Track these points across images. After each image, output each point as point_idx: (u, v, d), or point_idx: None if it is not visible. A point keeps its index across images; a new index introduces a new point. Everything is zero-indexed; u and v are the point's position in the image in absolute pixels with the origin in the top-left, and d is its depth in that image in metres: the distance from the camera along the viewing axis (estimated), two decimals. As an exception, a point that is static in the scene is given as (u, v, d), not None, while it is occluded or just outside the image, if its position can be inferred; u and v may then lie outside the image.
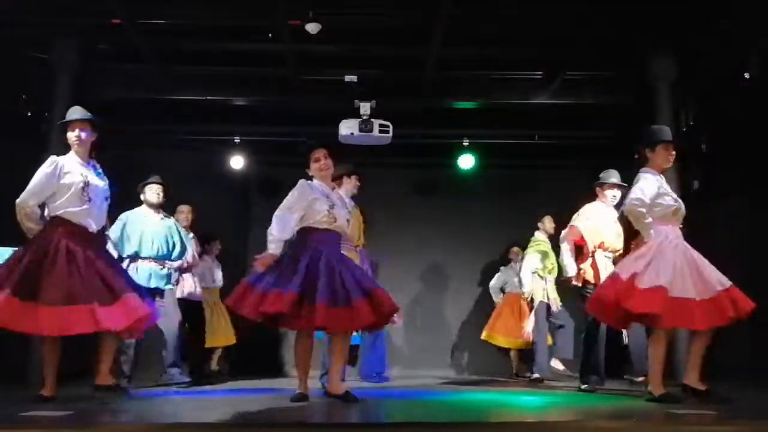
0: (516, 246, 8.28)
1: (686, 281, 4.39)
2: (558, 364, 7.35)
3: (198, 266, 7.30)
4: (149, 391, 5.67)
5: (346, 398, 4.41)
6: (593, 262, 5.69)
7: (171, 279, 6.24)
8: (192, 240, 6.99)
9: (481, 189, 9.24)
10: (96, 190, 4.55)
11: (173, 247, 6.22)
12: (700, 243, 4.72)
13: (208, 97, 7.78)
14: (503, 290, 8.38)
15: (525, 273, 7.36)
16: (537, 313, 7.34)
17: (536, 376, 7.23)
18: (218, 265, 7.89)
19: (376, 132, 7.48)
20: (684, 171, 6.79)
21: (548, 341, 7.40)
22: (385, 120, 7.54)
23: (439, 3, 6.12)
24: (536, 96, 7.79)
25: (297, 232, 4.58)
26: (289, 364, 8.48)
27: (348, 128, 7.46)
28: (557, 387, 6.58)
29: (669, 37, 6.89)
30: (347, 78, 7.44)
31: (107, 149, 5.37)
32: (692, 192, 7.18)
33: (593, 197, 5.99)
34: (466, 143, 8.74)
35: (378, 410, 4.37)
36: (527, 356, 7.73)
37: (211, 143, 8.89)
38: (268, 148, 8.81)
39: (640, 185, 4.58)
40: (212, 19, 6.80)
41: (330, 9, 6.44)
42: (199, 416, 3.86)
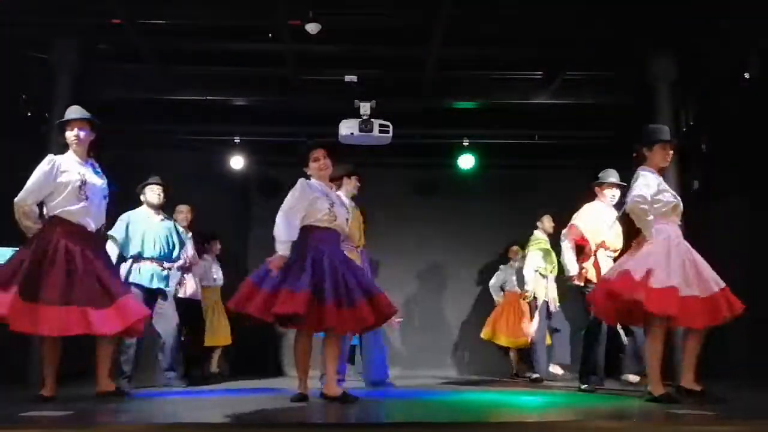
0: (516, 245, 8.29)
1: (691, 280, 4.41)
2: (557, 369, 7.35)
3: (198, 265, 7.31)
4: (149, 391, 5.66)
5: (344, 399, 4.40)
6: (595, 261, 5.69)
7: (171, 280, 6.25)
8: (190, 240, 7.01)
9: (481, 189, 9.24)
10: (94, 189, 4.55)
11: (173, 248, 6.24)
12: (700, 243, 4.72)
13: (208, 97, 7.77)
14: (503, 289, 8.39)
15: (528, 272, 7.35)
16: (539, 313, 7.34)
17: (536, 376, 7.23)
18: (218, 265, 7.90)
19: (376, 132, 7.48)
20: (684, 171, 6.79)
21: (547, 341, 7.41)
22: (385, 120, 7.55)
23: (439, 3, 6.12)
24: (536, 96, 7.79)
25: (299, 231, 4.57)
26: (289, 364, 8.48)
27: (348, 128, 7.46)
28: (557, 387, 6.57)
29: (669, 37, 6.89)
30: (347, 78, 7.44)
31: (107, 149, 5.39)
32: (692, 192, 7.18)
33: (593, 197, 6.00)
34: (466, 143, 8.73)
35: (378, 410, 4.36)
36: (527, 356, 7.73)
37: (211, 143, 8.89)
38: (268, 148, 8.81)
39: (641, 183, 4.57)
40: (212, 19, 6.80)
41: (330, 9, 6.44)
42: (199, 416, 3.86)
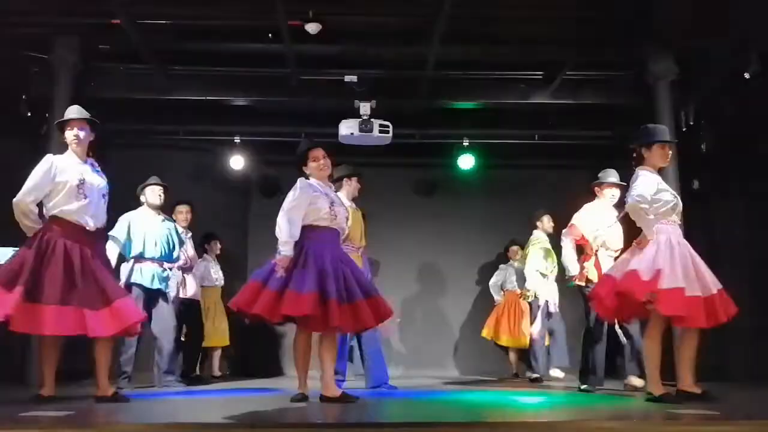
0: (515, 245, 8.29)
1: (693, 280, 4.41)
2: (558, 373, 7.35)
3: (198, 266, 7.31)
4: (149, 392, 5.66)
5: (344, 400, 4.40)
6: (596, 261, 5.68)
7: (171, 281, 6.24)
8: (190, 240, 7.00)
9: (481, 189, 9.23)
10: (92, 188, 4.53)
11: (173, 248, 6.25)
12: (700, 243, 4.72)
13: (208, 97, 7.77)
14: (503, 288, 8.39)
15: (529, 271, 7.34)
16: (541, 313, 7.33)
17: (536, 376, 7.23)
18: (218, 265, 7.90)
19: (376, 132, 7.48)
20: (684, 171, 6.79)
21: (546, 341, 7.40)
22: (385, 120, 7.55)
23: (439, 3, 6.12)
24: (536, 96, 7.78)
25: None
26: (289, 364, 8.47)
27: (348, 128, 7.45)
28: (557, 387, 6.57)
29: (669, 37, 6.89)
30: (347, 78, 7.43)
31: (107, 149, 5.38)
32: (692, 192, 7.17)
33: (593, 197, 5.99)
34: (466, 143, 8.73)
35: (378, 410, 4.36)
36: (527, 356, 7.73)
37: (211, 143, 8.88)
38: (268, 148, 8.80)
39: (640, 183, 4.56)
40: (212, 19, 6.80)
41: (330, 9, 6.44)
42: (199, 416, 3.86)
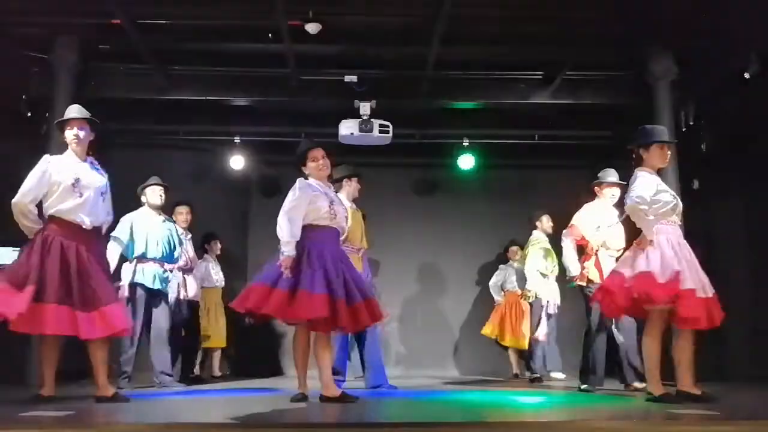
0: (515, 245, 8.29)
1: (696, 281, 4.42)
2: (558, 374, 7.34)
3: (198, 266, 7.30)
4: (148, 392, 5.66)
5: (344, 400, 4.40)
6: (596, 261, 5.67)
7: (171, 281, 6.23)
8: (189, 241, 7.00)
9: (481, 189, 9.23)
10: (89, 186, 4.47)
11: (174, 249, 6.25)
12: (700, 243, 4.71)
13: (208, 97, 7.77)
14: (503, 288, 8.38)
15: (529, 272, 7.34)
16: (536, 312, 7.34)
17: (536, 376, 7.23)
18: (219, 265, 7.89)
19: (376, 132, 7.48)
20: (684, 171, 6.79)
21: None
22: (385, 120, 7.55)
23: (439, 3, 6.12)
24: (536, 96, 7.78)
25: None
26: (289, 364, 8.47)
27: (348, 128, 7.46)
28: (557, 387, 6.57)
29: (669, 37, 6.89)
30: (347, 78, 7.43)
31: (107, 149, 5.38)
32: (692, 192, 7.18)
33: (593, 197, 5.99)
34: (466, 143, 8.73)
35: (378, 410, 4.36)
36: (527, 356, 7.73)
37: (211, 143, 8.88)
38: (268, 148, 8.80)
39: (639, 183, 4.56)
40: (212, 19, 6.80)
41: (330, 9, 6.44)
42: (199, 416, 3.86)
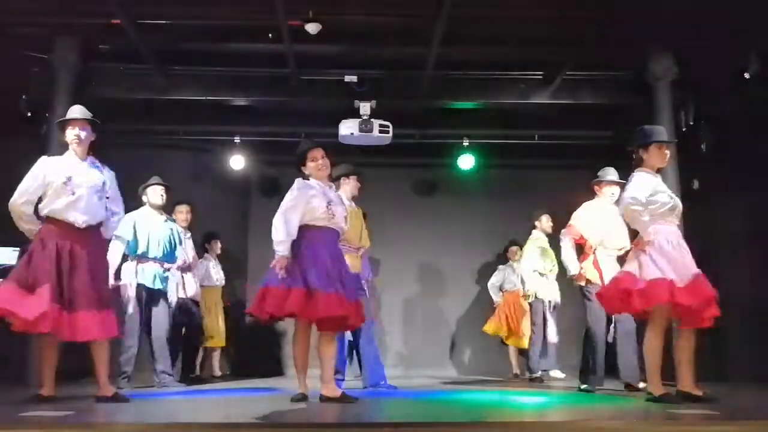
0: (515, 245, 8.29)
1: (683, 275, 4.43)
2: (558, 373, 7.33)
3: (198, 266, 7.30)
4: (148, 392, 5.66)
5: (344, 400, 4.40)
6: (594, 261, 5.66)
7: (170, 281, 6.23)
8: (190, 240, 7.00)
9: (481, 189, 9.24)
10: (82, 185, 4.40)
11: (175, 249, 6.25)
12: (700, 243, 4.71)
13: (208, 97, 7.77)
14: (501, 288, 8.38)
15: (525, 270, 7.34)
16: (535, 312, 7.34)
17: (536, 376, 7.23)
18: (219, 265, 7.89)
19: (376, 132, 7.49)
20: (684, 171, 6.79)
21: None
22: (385, 120, 7.55)
23: (439, 3, 6.12)
24: (536, 96, 7.79)
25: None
26: (289, 364, 8.47)
27: (348, 128, 7.46)
28: (557, 387, 6.57)
29: (669, 37, 6.89)
30: (347, 78, 7.44)
31: (107, 149, 5.36)
32: (692, 192, 7.18)
33: (592, 196, 5.98)
34: (466, 143, 8.73)
35: (378, 410, 4.36)
36: (526, 356, 7.73)
37: (211, 143, 8.89)
38: (268, 148, 8.80)
39: (634, 184, 4.57)
40: (212, 19, 6.80)
41: (330, 9, 6.44)
42: (199, 416, 3.86)
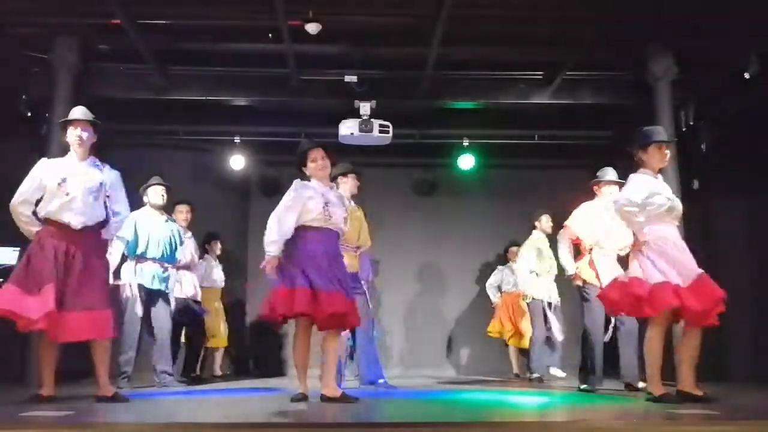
0: (515, 246, 8.28)
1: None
2: (558, 372, 7.33)
3: (198, 266, 7.30)
4: (149, 392, 5.66)
5: (344, 400, 4.40)
6: (590, 261, 5.65)
7: (170, 282, 6.23)
8: (190, 240, 7.00)
9: (481, 189, 9.24)
10: (77, 185, 4.37)
11: (175, 249, 6.25)
12: (700, 243, 4.71)
13: (208, 97, 7.77)
14: (500, 289, 8.38)
15: (520, 270, 7.35)
16: (534, 312, 7.34)
17: (536, 376, 7.23)
18: (220, 266, 7.89)
19: (376, 132, 7.49)
20: (684, 171, 6.79)
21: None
22: (385, 120, 7.55)
23: (439, 3, 6.12)
24: (536, 96, 7.79)
25: (294, 231, 4.55)
26: (289, 364, 8.48)
27: (348, 128, 7.46)
28: (557, 387, 6.57)
29: (669, 37, 6.89)
30: (347, 78, 7.44)
31: (107, 149, 5.37)
32: (692, 192, 7.18)
33: (592, 196, 5.98)
34: (466, 143, 8.73)
35: (378, 410, 4.36)
36: (527, 356, 7.73)
37: (211, 143, 8.89)
38: (268, 148, 8.81)
39: (629, 186, 4.58)
40: (212, 19, 6.81)
41: (330, 9, 6.44)
42: (199, 416, 3.86)
